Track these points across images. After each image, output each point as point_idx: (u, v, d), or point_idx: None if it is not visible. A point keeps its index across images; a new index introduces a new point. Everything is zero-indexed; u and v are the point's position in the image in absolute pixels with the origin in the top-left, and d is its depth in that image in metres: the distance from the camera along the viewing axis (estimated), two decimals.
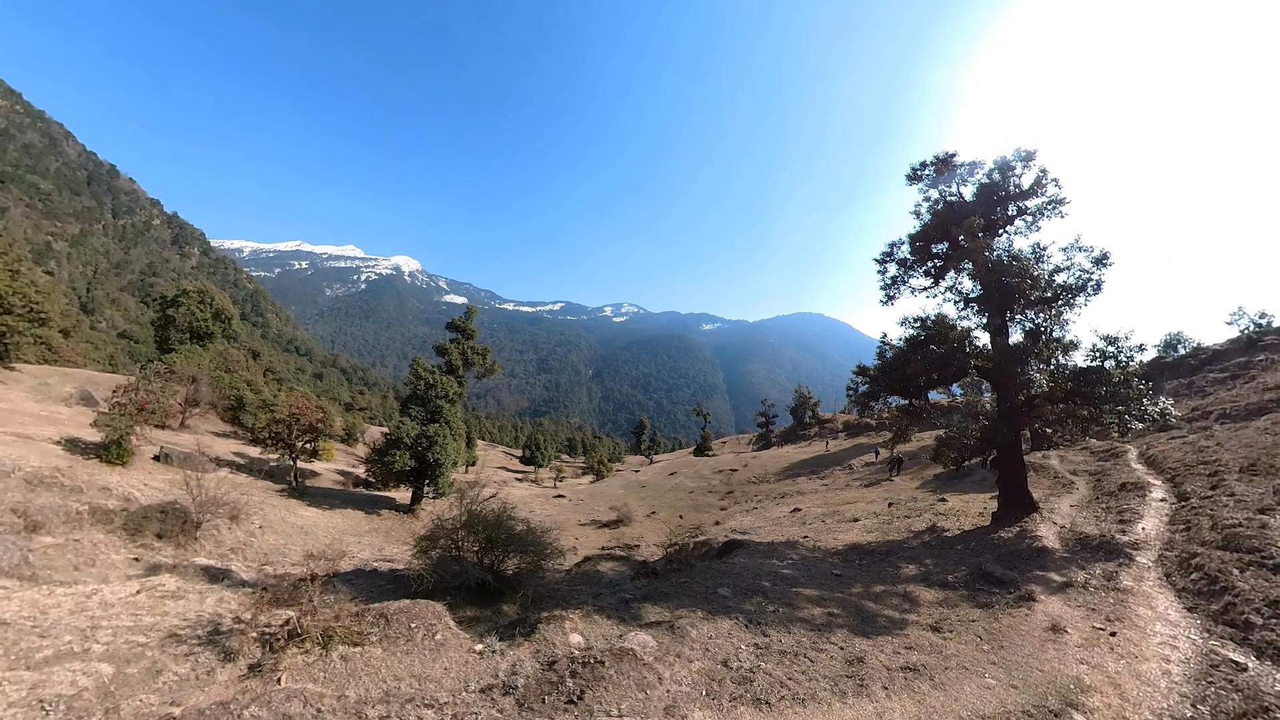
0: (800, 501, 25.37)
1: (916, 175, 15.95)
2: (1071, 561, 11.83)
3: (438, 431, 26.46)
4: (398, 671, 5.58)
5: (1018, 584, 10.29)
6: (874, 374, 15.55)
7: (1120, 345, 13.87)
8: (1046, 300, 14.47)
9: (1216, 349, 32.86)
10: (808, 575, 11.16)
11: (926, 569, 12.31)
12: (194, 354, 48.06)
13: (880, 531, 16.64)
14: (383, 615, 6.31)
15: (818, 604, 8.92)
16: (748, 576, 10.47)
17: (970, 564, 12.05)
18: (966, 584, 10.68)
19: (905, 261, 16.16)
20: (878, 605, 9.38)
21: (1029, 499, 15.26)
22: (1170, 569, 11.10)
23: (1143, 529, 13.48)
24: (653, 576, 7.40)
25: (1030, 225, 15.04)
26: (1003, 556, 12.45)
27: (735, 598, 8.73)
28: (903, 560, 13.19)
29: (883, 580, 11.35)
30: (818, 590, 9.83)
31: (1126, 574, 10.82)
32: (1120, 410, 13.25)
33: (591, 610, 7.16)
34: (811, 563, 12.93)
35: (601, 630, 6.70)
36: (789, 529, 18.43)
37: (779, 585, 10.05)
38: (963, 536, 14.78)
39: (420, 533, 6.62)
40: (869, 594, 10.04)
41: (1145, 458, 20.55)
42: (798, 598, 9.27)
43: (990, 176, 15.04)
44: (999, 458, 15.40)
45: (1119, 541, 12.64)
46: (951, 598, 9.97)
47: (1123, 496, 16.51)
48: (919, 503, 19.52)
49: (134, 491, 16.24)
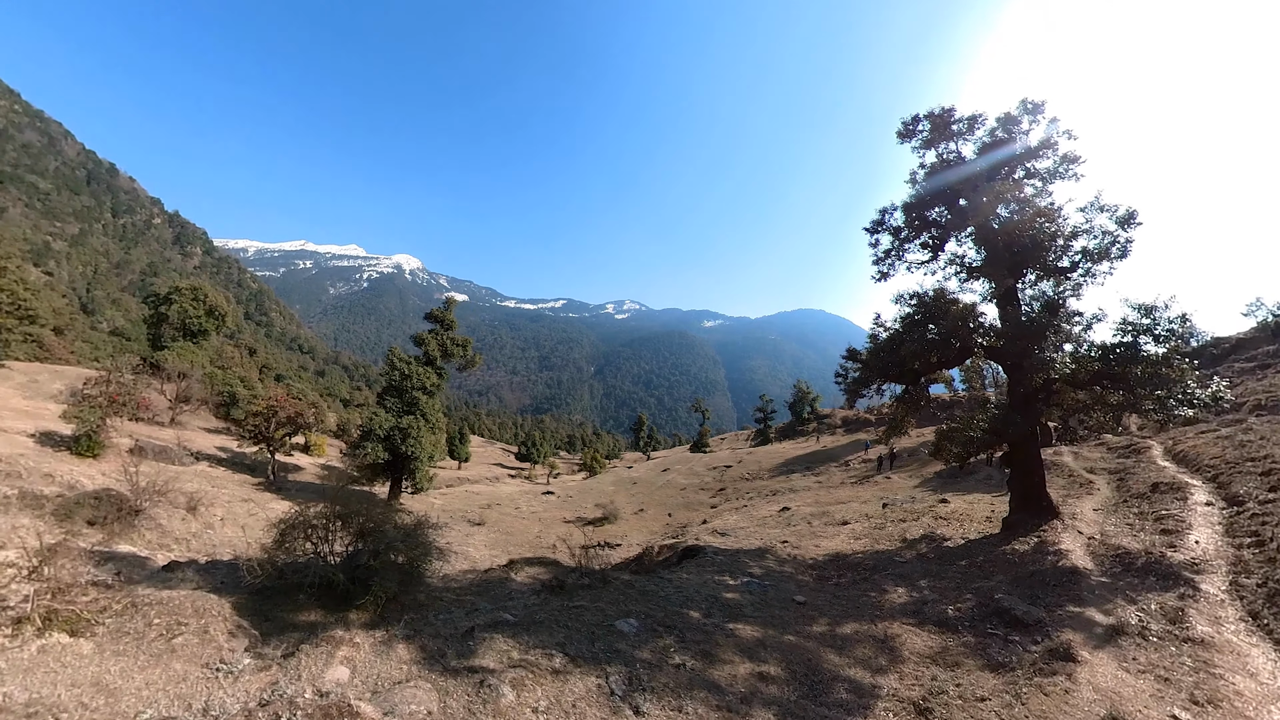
0: (791, 500, 24.21)
1: (909, 132, 13.94)
2: (1114, 590, 9.07)
3: (412, 424, 25.64)
4: (82, 676, 4.48)
5: (1047, 628, 7.58)
6: (865, 358, 13.72)
7: (1157, 316, 11.50)
8: (1063, 270, 12.58)
9: (1241, 337, 31.00)
10: (760, 602, 8.74)
11: (920, 595, 9.74)
12: (187, 351, 47.73)
13: (870, 538, 14.59)
14: (133, 604, 5.30)
15: (751, 655, 6.24)
16: (677, 601, 8.08)
17: (978, 590, 9.51)
18: (973, 623, 8.02)
19: (899, 231, 14.27)
20: (841, 659, 6.65)
21: (1047, 502, 13.15)
22: (1255, 603, 8.36)
23: (1196, 543, 10.91)
24: (557, 592, 6.23)
25: (1041, 190, 13.05)
26: (1021, 580, 9.87)
27: (636, 636, 6.23)
28: (891, 580, 10.85)
29: (859, 612, 8.65)
30: (762, 629, 7.26)
31: (1196, 612, 8.11)
32: (1161, 395, 11.00)
33: (428, 633, 5.35)
34: (776, 581, 10.65)
35: (390, 668, 4.77)
36: (771, 530, 16.82)
37: (712, 618, 7.51)
38: (967, 548, 12.51)
39: (281, 517, 5.67)
40: (834, 638, 7.37)
41: (1173, 454, 18.42)
42: (727, 642, 6.61)
43: (994, 134, 13.16)
44: (1011, 453, 13.34)
45: (1171, 561, 10.02)
46: (951, 648, 7.28)
47: (1157, 500, 14.09)
48: (917, 504, 17.76)
49: (82, 480, 15.71)
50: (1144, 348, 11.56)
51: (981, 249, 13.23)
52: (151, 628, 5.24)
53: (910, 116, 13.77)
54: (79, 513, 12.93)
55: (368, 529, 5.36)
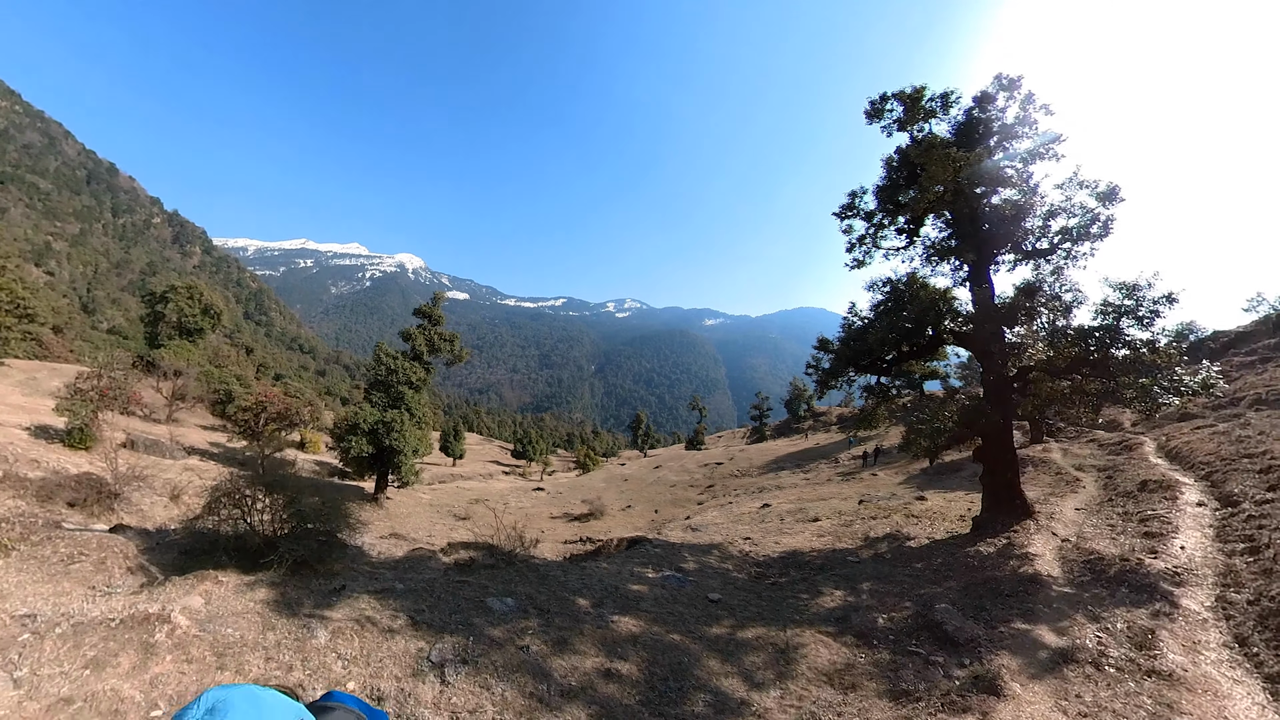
0: (775, 496, 24.09)
1: (877, 112, 13.16)
2: (1076, 604, 7.96)
3: (396, 418, 25.74)
4: None
5: (979, 649, 6.54)
6: (837, 348, 13.31)
7: (1140, 296, 10.53)
8: (1042, 252, 11.90)
9: (1241, 330, 30.50)
10: (667, 597, 8.03)
11: (856, 600, 8.87)
12: (183, 349, 48.05)
13: (833, 536, 14.01)
14: (50, 538, 6.20)
15: (612, 650, 5.61)
16: (574, 588, 7.50)
17: (922, 598, 8.54)
18: (898, 637, 7.07)
19: (872, 216, 13.72)
20: (722, 666, 5.82)
21: (1021, 501, 12.45)
22: (1244, 626, 7.10)
23: (1182, 548, 9.81)
24: (464, 570, 6.32)
25: (1020, 173, 12.42)
26: (973, 587, 8.94)
27: (502, 614, 5.83)
28: (833, 581, 9.94)
29: (775, 616, 7.84)
30: (647, 625, 6.52)
31: (1169, 635, 6.80)
32: (1145, 383, 10.07)
33: (298, 585, 5.42)
34: (704, 577, 9.96)
35: (240, 603, 5.00)
36: (741, 527, 16.58)
37: (602, 608, 6.90)
38: (928, 549, 11.85)
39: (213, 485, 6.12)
40: (728, 642, 6.54)
41: (1166, 450, 17.78)
42: (595, 633, 6.00)
43: (969, 113, 12.57)
44: (984, 448, 12.63)
45: (1149, 570, 8.84)
46: (858, 666, 6.30)
47: (1144, 499, 13.24)
48: (893, 501, 17.33)
49: (68, 467, 16.03)
50: (1126, 331, 10.69)
51: (954, 231, 12.75)
52: (56, 555, 6.12)
53: (878, 95, 13.02)
54: (59, 494, 13.26)
55: (291, 500, 5.55)
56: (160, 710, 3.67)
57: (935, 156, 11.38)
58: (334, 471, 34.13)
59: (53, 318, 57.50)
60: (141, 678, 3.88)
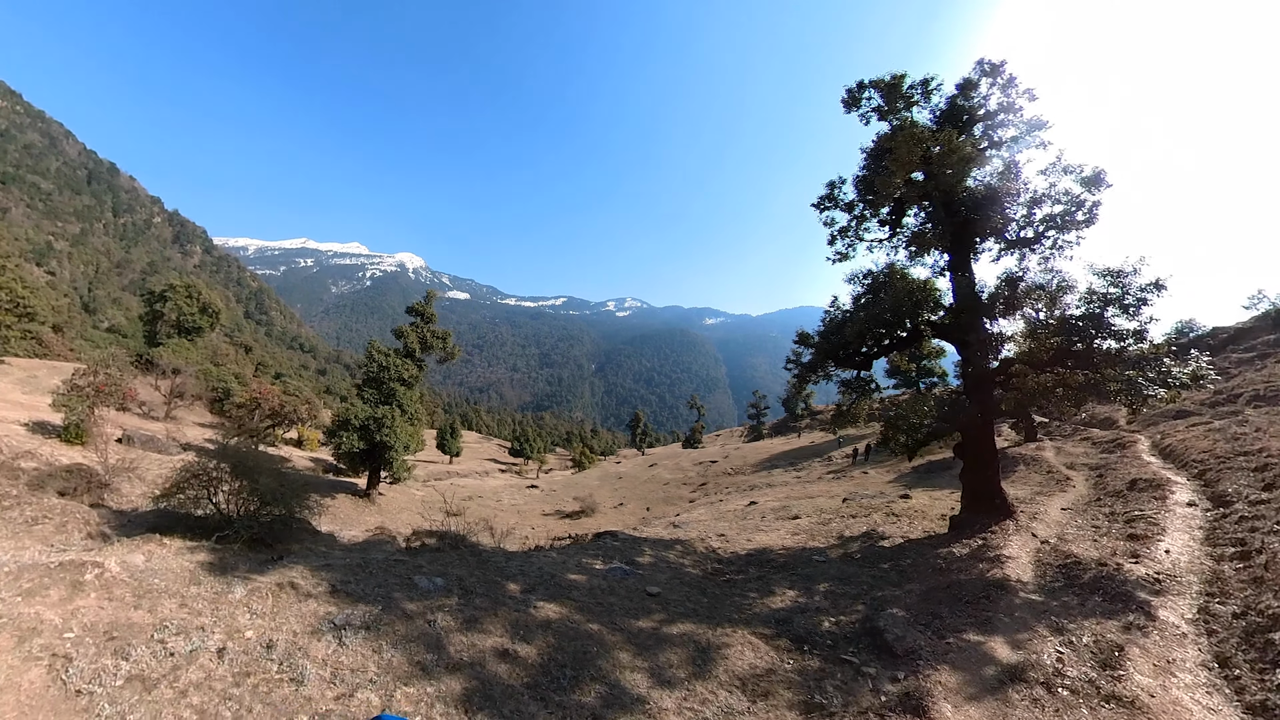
0: (764, 494, 24.05)
1: (854, 100, 12.78)
2: (1042, 613, 7.32)
3: (387, 414, 26.02)
4: None
5: (918, 662, 5.97)
6: (816, 342, 13.03)
7: (1126, 284, 10.05)
8: (1027, 241, 11.53)
9: (1240, 327, 29.81)
10: (603, 588, 7.62)
11: (808, 601, 8.36)
12: (182, 348, 48.35)
13: (808, 534, 13.61)
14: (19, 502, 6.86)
15: (519, 633, 5.51)
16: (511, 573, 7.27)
17: (877, 601, 8.19)
18: (836, 644, 6.55)
19: (853, 207, 13.41)
20: (633, 660, 5.54)
21: (1001, 500, 12.02)
22: (1227, 643, 6.36)
23: (1166, 552, 9.21)
24: (410, 553, 6.49)
25: (1005, 161, 12.10)
26: (935, 591, 8.44)
27: (425, 592, 5.79)
28: (790, 581, 9.46)
29: (714, 613, 7.36)
30: (569, 612, 6.32)
31: (1140, 652, 6.12)
32: (1131, 375, 9.65)
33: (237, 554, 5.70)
34: (655, 571, 9.45)
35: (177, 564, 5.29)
36: (721, 524, 16.40)
37: (532, 594, 6.71)
38: (900, 550, 11.42)
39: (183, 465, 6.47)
40: (650, 637, 6.13)
41: (1160, 448, 17.40)
42: (509, 616, 5.88)
43: (951, 101, 12.23)
44: (964, 444, 12.23)
45: (1129, 576, 8.21)
46: (780, 673, 5.83)
47: (1133, 498, 12.88)
48: (877, 499, 17.00)
49: (61, 459, 16.31)
50: (1111, 320, 10.25)
51: (936, 220, 12.43)
52: (22, 517, 6.70)
53: (855, 84, 12.70)
54: (50, 484, 13.53)
55: (255, 482, 5.78)
56: (73, 633, 4.14)
57: (902, 136, 11.15)
58: (329, 468, 34.36)
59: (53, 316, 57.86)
60: (65, 608, 4.35)
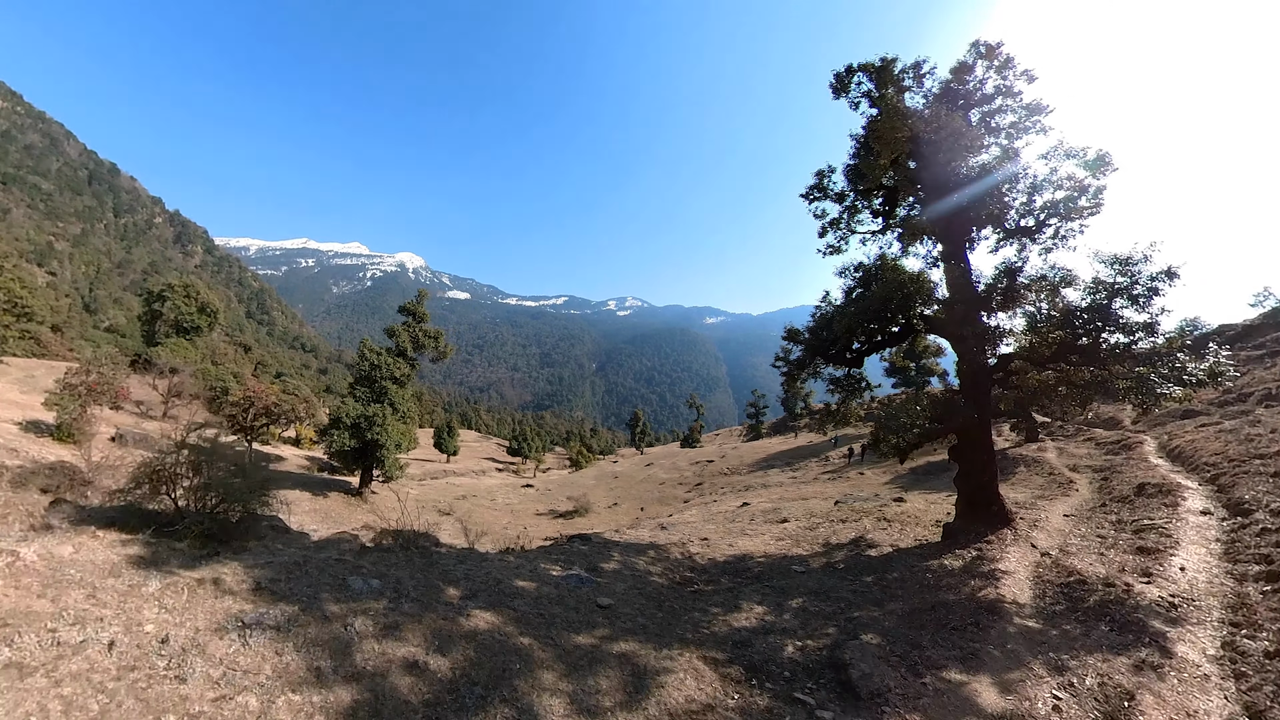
0: (757, 495, 23.62)
1: (843, 85, 12.05)
2: (1039, 646, 6.32)
3: (378, 412, 26.09)
4: None
5: (883, 708, 5.08)
6: (806, 337, 12.52)
7: (1136, 272, 9.12)
8: (1027, 230, 10.88)
9: (1249, 324, 29.45)
10: (557, 597, 6.93)
11: (773, 620, 7.28)
12: (180, 347, 48.45)
13: (793, 540, 12.98)
14: None
15: (437, 643, 5.02)
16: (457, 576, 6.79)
17: (852, 623, 7.00)
18: (794, 677, 5.65)
19: (844, 197, 12.85)
20: (556, 682, 4.85)
21: (999, 507, 11.16)
22: (1260, 689, 5.30)
23: (1181, 569, 8.26)
24: (358, 553, 6.35)
25: (1006, 149, 11.42)
26: (918, 613, 7.40)
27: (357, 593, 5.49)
28: (761, 594, 8.50)
29: (666, 631, 6.54)
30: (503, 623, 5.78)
31: (1155, 700, 5.24)
32: (1142, 372, 8.89)
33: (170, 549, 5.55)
34: (620, 579, 8.74)
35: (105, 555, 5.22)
36: (707, 526, 15.97)
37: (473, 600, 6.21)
38: (888, 560, 10.49)
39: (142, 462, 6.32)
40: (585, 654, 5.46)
41: (1168, 450, 16.60)
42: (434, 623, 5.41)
43: (945, 85, 11.63)
44: (958, 446, 11.43)
45: (1140, 600, 7.19)
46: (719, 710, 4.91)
47: (1141, 505, 11.97)
48: (870, 503, 16.24)
49: (48, 456, 16.42)
50: (1119, 312, 9.39)
51: (929, 208, 11.86)
52: None
53: (844, 68, 12.06)
54: (33, 481, 13.55)
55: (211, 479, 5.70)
56: None
57: (887, 112, 10.63)
58: (324, 466, 34.33)
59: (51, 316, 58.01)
60: None
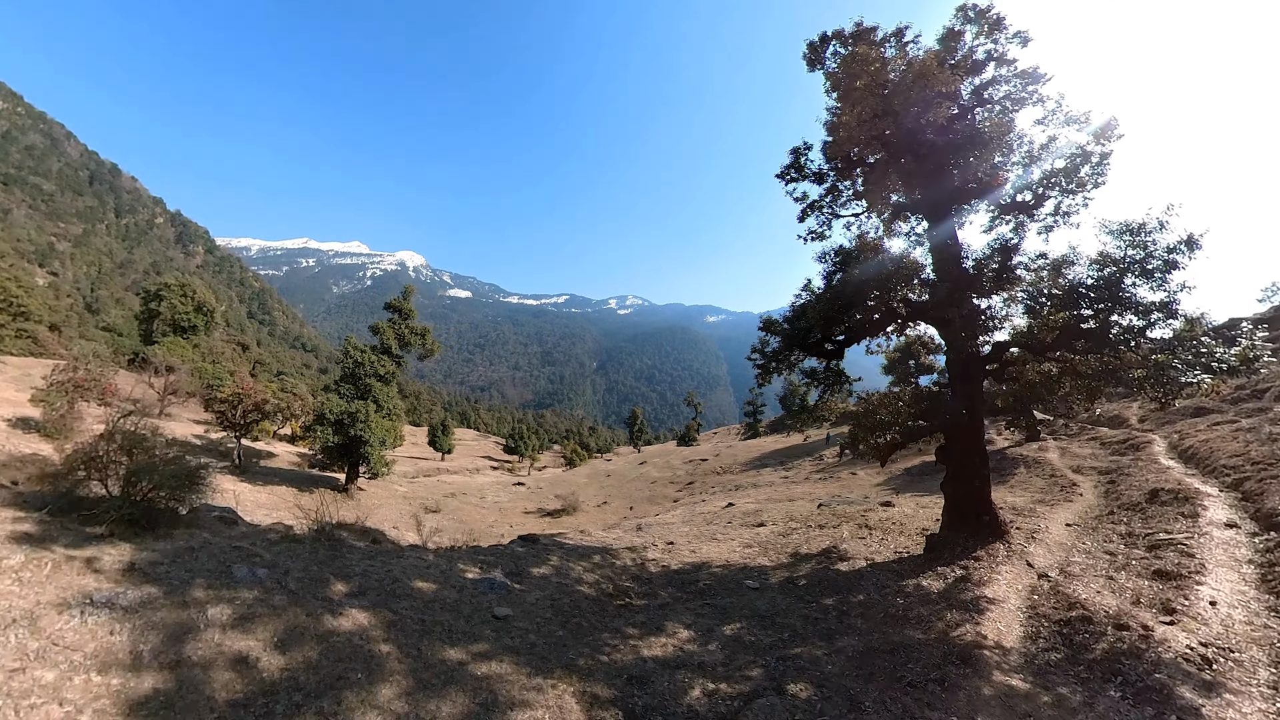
0: (745, 495, 23.04)
1: (817, 56, 10.75)
2: (1024, 717, 4.67)
3: (362, 409, 26.06)
4: None
5: None
6: (783, 328, 11.60)
7: (1149, 242, 7.80)
8: (1024, 206, 9.90)
9: (1261, 315, 28.18)
10: (451, 603, 6.25)
11: (694, 650, 6.06)
12: (177, 346, 48.59)
13: (760, 547, 11.88)
14: None
15: (288, 640, 4.65)
16: (356, 571, 6.30)
17: (784, 666, 5.56)
18: None
19: (823, 177, 11.92)
20: (395, 701, 4.24)
21: (990, 516, 9.88)
22: None
23: (1212, 603, 6.59)
24: (274, 542, 6.18)
25: (995, 115, 10.36)
26: (869, 656, 5.78)
27: (233, 581, 5.14)
28: (695, 615, 7.32)
29: (555, 653, 5.62)
30: (369, 626, 5.31)
31: None
32: (1160, 359, 7.59)
33: (75, 533, 5.43)
34: (544, 587, 7.74)
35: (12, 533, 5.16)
36: (683, 529, 15.27)
37: (360, 596, 5.73)
38: (857, 577, 8.86)
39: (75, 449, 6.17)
40: (447, 671, 4.85)
41: (1179, 451, 15.41)
42: (298, 618, 4.97)
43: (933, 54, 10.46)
44: (946, 447, 10.22)
45: (1160, 651, 5.47)
46: None
47: (1155, 514, 10.50)
48: (855, 506, 15.18)
49: (25, 450, 16.50)
50: (1131, 289, 8.04)
51: (911, 180, 10.88)
52: None
53: (818, 36, 10.84)
54: (3, 474, 13.65)
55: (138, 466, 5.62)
56: None
57: (846, 57, 9.61)
58: (314, 463, 34.37)
59: (49, 316, 58.14)
60: None
